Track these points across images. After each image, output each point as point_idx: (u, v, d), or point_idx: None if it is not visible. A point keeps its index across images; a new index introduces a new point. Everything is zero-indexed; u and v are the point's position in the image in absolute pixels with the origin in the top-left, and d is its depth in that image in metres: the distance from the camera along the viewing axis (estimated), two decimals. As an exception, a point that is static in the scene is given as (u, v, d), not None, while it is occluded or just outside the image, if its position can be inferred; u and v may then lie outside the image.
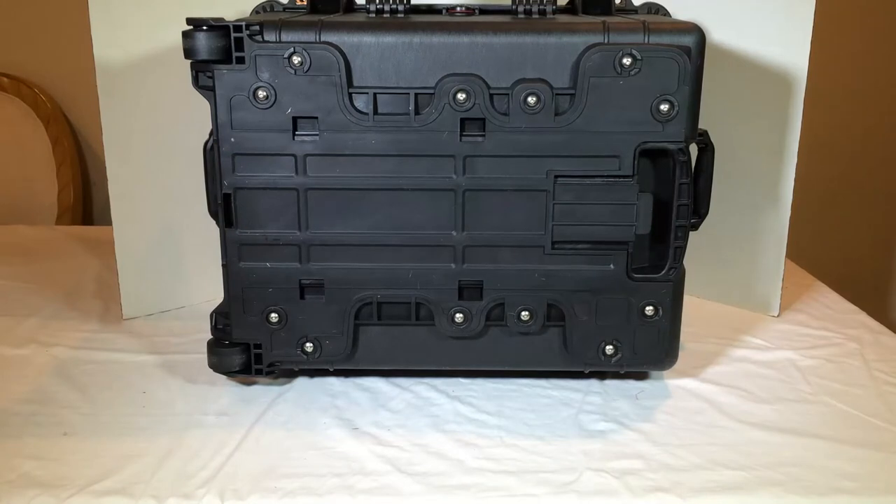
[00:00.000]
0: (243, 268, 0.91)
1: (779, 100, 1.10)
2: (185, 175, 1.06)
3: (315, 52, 0.84)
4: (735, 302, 1.20)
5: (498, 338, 0.94)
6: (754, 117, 1.12)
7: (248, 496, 0.76)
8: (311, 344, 0.93)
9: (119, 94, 1.08)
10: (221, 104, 0.86)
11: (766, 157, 1.12)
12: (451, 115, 0.86)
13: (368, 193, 0.89)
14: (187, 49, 0.85)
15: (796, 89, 1.09)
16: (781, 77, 1.09)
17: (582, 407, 0.92)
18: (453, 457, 0.83)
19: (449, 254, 0.90)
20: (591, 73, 0.84)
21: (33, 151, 1.98)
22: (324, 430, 0.87)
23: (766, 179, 1.13)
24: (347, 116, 0.86)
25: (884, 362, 1.03)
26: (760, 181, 1.13)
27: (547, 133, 0.86)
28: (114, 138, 1.09)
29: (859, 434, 0.87)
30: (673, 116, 0.85)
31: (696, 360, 1.03)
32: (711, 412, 0.92)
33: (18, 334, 1.09)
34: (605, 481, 0.79)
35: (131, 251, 1.12)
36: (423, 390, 0.95)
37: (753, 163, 1.13)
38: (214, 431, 0.87)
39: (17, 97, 1.96)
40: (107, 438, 0.85)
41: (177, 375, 0.99)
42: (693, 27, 0.86)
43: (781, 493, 0.77)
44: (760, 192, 1.14)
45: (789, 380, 0.99)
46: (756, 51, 1.09)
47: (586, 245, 0.90)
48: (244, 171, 0.88)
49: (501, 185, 0.88)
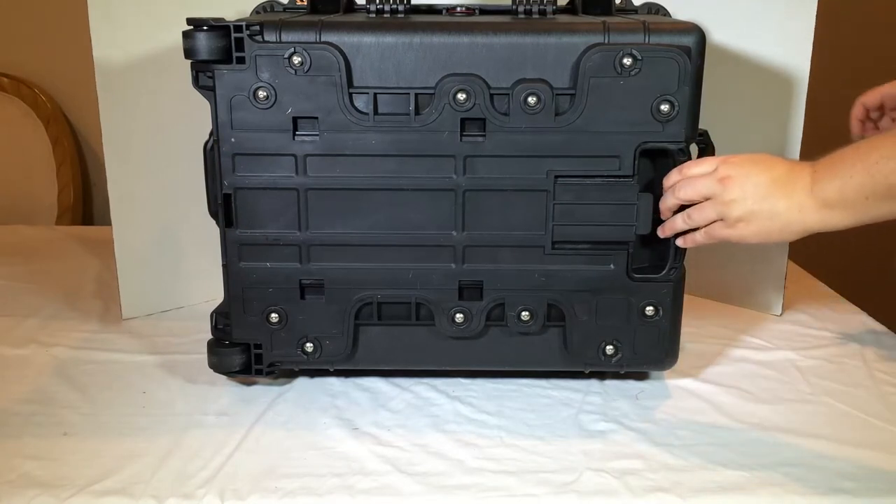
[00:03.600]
0: (243, 268, 0.91)
1: (780, 100, 1.10)
2: (185, 175, 1.06)
3: (315, 52, 0.84)
4: (736, 302, 1.19)
5: (498, 338, 0.93)
6: (754, 117, 1.12)
7: (248, 496, 0.76)
8: (312, 344, 0.93)
9: (119, 94, 1.08)
10: (221, 104, 0.86)
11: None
12: (451, 115, 0.86)
13: (369, 193, 0.89)
14: (187, 49, 0.84)
15: (798, 89, 1.09)
16: (782, 77, 1.09)
17: (582, 407, 0.92)
18: (453, 457, 0.83)
19: (449, 254, 0.90)
20: (591, 74, 0.84)
21: (33, 151, 1.97)
22: (324, 430, 0.87)
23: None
24: (348, 116, 0.86)
25: (884, 362, 1.03)
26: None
27: (547, 133, 0.86)
28: (114, 138, 1.09)
29: (859, 434, 0.87)
30: (673, 116, 0.85)
31: (696, 360, 1.03)
32: (711, 412, 0.92)
33: (18, 334, 1.09)
34: (605, 481, 0.79)
35: (131, 251, 1.12)
36: (423, 390, 0.95)
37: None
38: (214, 431, 0.87)
39: (17, 97, 1.96)
40: (107, 438, 0.85)
41: (177, 375, 0.99)
42: (693, 27, 0.86)
43: (781, 493, 0.77)
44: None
45: (789, 380, 0.99)
46: (756, 51, 1.09)
47: (586, 245, 0.90)
48: (244, 172, 0.88)
49: (501, 185, 0.88)
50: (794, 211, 0.77)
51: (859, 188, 0.73)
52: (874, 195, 0.72)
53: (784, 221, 0.78)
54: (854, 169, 0.73)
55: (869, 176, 0.72)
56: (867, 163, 0.72)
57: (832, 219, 0.76)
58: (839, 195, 0.74)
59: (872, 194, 0.72)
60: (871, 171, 0.72)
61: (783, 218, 0.78)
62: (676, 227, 0.86)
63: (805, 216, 0.77)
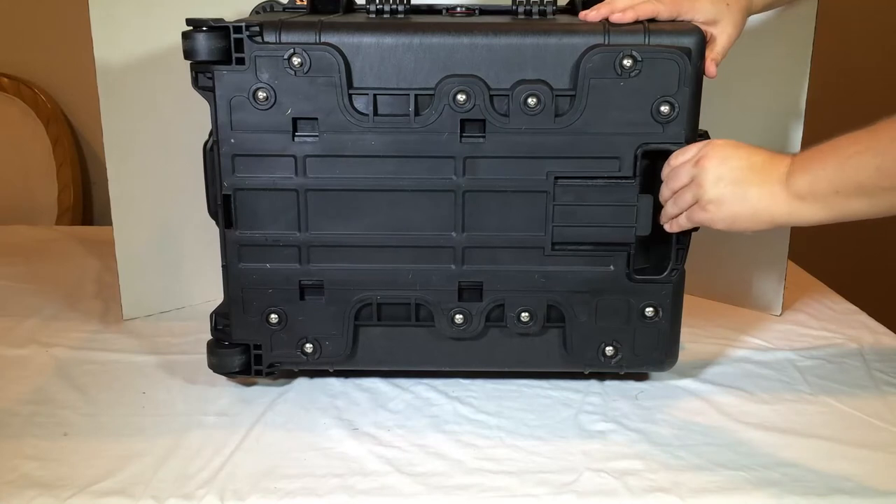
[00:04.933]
0: (243, 269, 0.91)
1: (780, 100, 1.10)
2: (185, 175, 1.06)
3: (315, 52, 0.84)
4: (736, 302, 1.20)
5: (498, 339, 0.93)
6: (754, 117, 1.12)
7: (248, 496, 0.76)
8: (311, 345, 0.93)
9: (119, 94, 1.08)
10: (221, 105, 0.86)
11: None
12: (451, 116, 0.86)
13: (368, 194, 0.89)
14: (187, 50, 0.84)
15: (798, 89, 1.09)
16: (782, 77, 1.09)
17: (582, 407, 0.92)
18: (453, 457, 0.83)
19: (449, 255, 0.90)
20: (591, 75, 0.84)
21: (33, 151, 1.98)
22: (324, 430, 0.88)
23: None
24: (347, 117, 0.86)
25: (884, 362, 1.03)
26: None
27: (547, 134, 0.86)
28: (114, 138, 1.09)
29: (859, 434, 0.87)
30: (673, 118, 0.85)
31: (696, 360, 1.03)
32: (711, 412, 0.92)
33: (18, 335, 1.09)
34: (604, 481, 0.79)
35: (131, 251, 1.12)
36: (422, 391, 0.95)
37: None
38: (214, 432, 0.87)
39: (17, 97, 1.96)
40: (107, 439, 0.85)
41: (177, 376, 0.99)
42: (693, 28, 0.86)
43: (781, 493, 0.77)
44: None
45: (789, 380, 0.99)
46: (757, 51, 1.09)
47: (586, 246, 0.90)
48: (244, 172, 0.88)
49: (501, 186, 0.88)
50: (766, 198, 0.76)
51: (829, 182, 0.72)
52: (844, 190, 0.72)
53: (753, 208, 0.77)
54: (827, 162, 0.72)
55: (840, 170, 0.71)
56: (841, 157, 0.71)
57: (802, 211, 0.75)
58: (810, 187, 0.74)
59: (843, 189, 0.72)
60: (844, 166, 0.71)
61: (753, 204, 0.77)
62: (669, 214, 0.86)
63: (775, 205, 0.76)
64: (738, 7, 0.89)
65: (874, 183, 0.70)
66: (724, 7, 0.88)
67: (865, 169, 0.70)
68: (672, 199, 0.85)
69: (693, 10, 0.87)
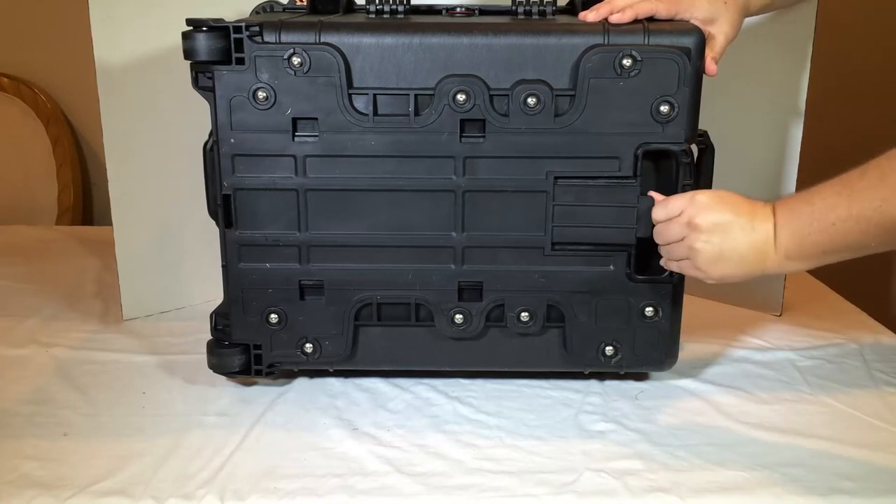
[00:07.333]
0: (243, 269, 0.91)
1: (780, 100, 1.10)
2: (185, 175, 1.06)
3: (315, 53, 0.84)
4: (736, 302, 1.19)
5: (498, 339, 0.94)
6: (754, 117, 1.12)
7: (248, 496, 0.76)
8: (311, 345, 0.93)
9: (119, 94, 1.08)
10: (221, 105, 0.86)
11: (767, 157, 1.12)
12: (450, 116, 0.86)
13: (368, 194, 0.89)
14: (187, 50, 0.85)
15: (798, 89, 1.09)
16: (782, 77, 1.09)
17: (582, 407, 0.92)
18: (453, 457, 0.83)
19: (449, 255, 0.90)
20: (591, 75, 0.84)
21: (33, 152, 1.97)
22: (324, 430, 0.88)
23: (768, 180, 1.13)
24: (347, 117, 0.86)
25: (884, 362, 1.03)
26: (761, 181, 1.13)
27: (547, 134, 0.86)
28: (114, 138, 1.09)
29: (859, 434, 0.87)
30: (673, 118, 0.85)
31: (696, 360, 1.03)
32: (711, 412, 0.92)
33: (18, 334, 1.09)
34: (604, 481, 0.79)
35: (131, 251, 1.12)
36: (422, 391, 0.95)
37: (754, 163, 1.13)
38: (214, 432, 0.87)
39: (17, 97, 1.96)
40: (107, 439, 0.85)
41: (177, 376, 0.99)
42: (693, 28, 0.86)
43: (781, 493, 0.77)
44: (761, 192, 1.13)
45: (789, 380, 0.99)
46: (757, 51, 1.09)
47: (586, 247, 0.90)
48: (244, 172, 0.88)
49: (501, 186, 0.88)
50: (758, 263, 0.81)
51: (817, 246, 0.78)
52: (832, 251, 0.77)
53: (745, 271, 0.82)
54: (812, 228, 0.77)
55: (826, 235, 0.76)
56: (824, 223, 0.76)
57: (790, 266, 0.81)
58: (798, 251, 0.79)
59: (830, 250, 0.77)
60: (829, 232, 0.76)
61: (745, 268, 0.82)
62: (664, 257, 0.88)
63: (766, 266, 0.81)
64: (735, 6, 0.90)
65: (861, 243, 0.75)
66: (721, 6, 0.89)
67: (852, 233, 0.75)
68: (666, 250, 0.86)
69: (691, 9, 0.88)
